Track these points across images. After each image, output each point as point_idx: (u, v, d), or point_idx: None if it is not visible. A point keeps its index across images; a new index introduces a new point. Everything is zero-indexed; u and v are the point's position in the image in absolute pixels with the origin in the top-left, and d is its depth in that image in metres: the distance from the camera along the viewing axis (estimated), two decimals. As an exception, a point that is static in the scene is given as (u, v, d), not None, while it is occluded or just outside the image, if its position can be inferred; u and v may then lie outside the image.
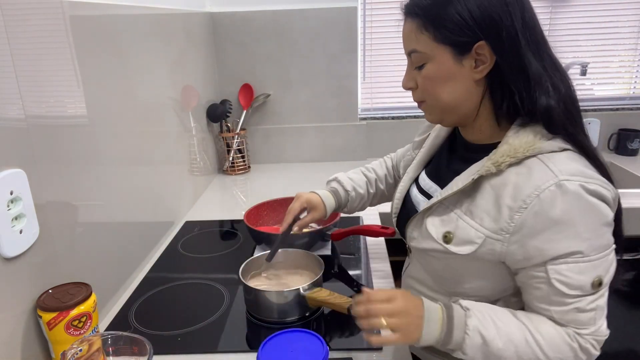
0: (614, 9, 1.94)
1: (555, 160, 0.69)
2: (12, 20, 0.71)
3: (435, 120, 0.82)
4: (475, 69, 0.72)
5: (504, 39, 0.69)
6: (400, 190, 0.94)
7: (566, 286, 0.68)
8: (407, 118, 2.06)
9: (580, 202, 0.66)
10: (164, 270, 1.18)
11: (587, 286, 0.68)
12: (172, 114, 1.44)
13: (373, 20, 1.97)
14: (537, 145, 0.70)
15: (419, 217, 0.84)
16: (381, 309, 0.70)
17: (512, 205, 0.69)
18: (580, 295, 0.68)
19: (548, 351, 0.69)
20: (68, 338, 0.76)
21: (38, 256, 0.77)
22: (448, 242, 0.77)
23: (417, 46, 0.75)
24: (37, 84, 0.78)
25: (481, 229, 0.73)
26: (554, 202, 0.66)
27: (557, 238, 0.67)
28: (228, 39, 1.91)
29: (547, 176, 0.67)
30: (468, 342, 0.69)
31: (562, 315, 0.70)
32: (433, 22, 0.72)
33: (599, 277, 0.68)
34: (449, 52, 0.72)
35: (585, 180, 0.67)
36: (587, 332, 0.70)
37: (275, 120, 2.02)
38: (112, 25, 1.05)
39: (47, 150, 0.80)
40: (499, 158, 0.71)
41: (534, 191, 0.67)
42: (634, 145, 1.99)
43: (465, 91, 0.74)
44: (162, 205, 1.35)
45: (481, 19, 0.69)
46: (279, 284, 1.02)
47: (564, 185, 0.66)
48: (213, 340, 0.90)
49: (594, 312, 0.69)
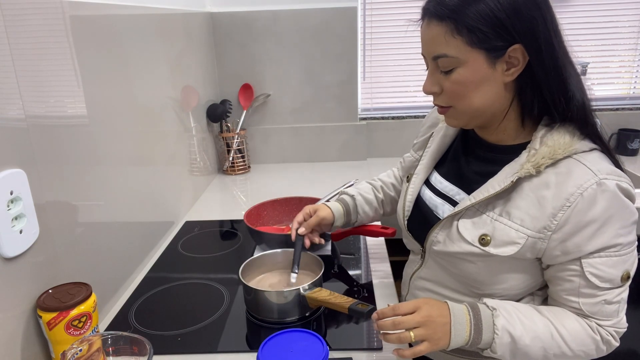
0: (614, 9, 1.94)
1: (590, 159, 0.72)
2: (12, 20, 0.71)
3: (460, 125, 0.81)
4: (506, 72, 0.72)
5: (541, 42, 0.69)
6: (412, 193, 0.92)
7: (598, 279, 0.71)
8: (407, 118, 2.06)
9: (618, 200, 0.70)
10: (164, 270, 1.18)
11: (617, 279, 0.72)
12: (172, 114, 1.44)
13: (373, 20, 1.97)
14: (574, 146, 0.72)
15: (446, 221, 0.82)
16: (408, 320, 0.71)
17: (555, 204, 0.71)
18: (610, 288, 0.72)
19: (572, 345, 0.73)
20: (68, 338, 0.76)
21: (38, 256, 0.77)
22: (485, 245, 0.76)
23: (448, 50, 0.71)
24: (37, 84, 0.78)
25: (522, 229, 0.74)
26: (595, 200, 0.69)
27: (596, 234, 0.70)
28: (228, 39, 1.91)
29: (588, 175, 0.70)
30: (497, 341, 0.71)
31: (590, 307, 0.73)
32: (466, 25, 0.69)
33: (627, 271, 0.72)
34: (483, 56, 0.70)
35: (619, 179, 0.70)
36: (609, 323, 0.74)
37: (275, 120, 2.02)
38: (112, 25, 1.05)
39: (47, 150, 0.80)
40: (539, 160, 0.72)
41: (577, 190, 0.69)
42: (634, 145, 1.99)
43: (495, 94, 0.74)
44: (162, 205, 1.35)
45: (517, 21, 0.68)
46: (279, 284, 1.02)
47: (604, 183, 0.69)
48: (213, 340, 0.90)
49: (618, 304, 0.74)
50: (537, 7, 0.69)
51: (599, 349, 0.75)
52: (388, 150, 2.09)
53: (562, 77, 0.71)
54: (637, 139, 1.98)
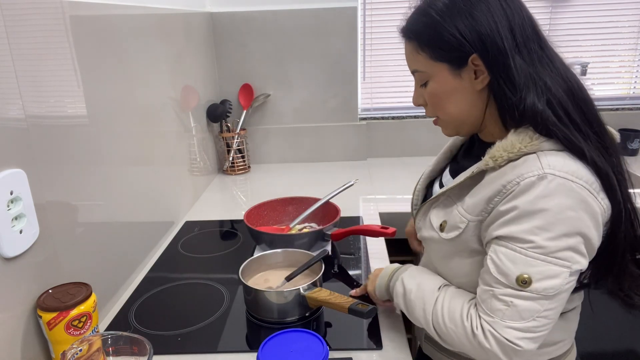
0: (614, 9, 1.94)
1: (551, 157, 0.69)
2: (12, 20, 0.71)
3: (451, 134, 0.85)
4: (475, 80, 0.75)
5: (490, 51, 0.72)
6: (421, 183, 0.97)
7: (495, 267, 0.70)
8: (407, 118, 2.06)
9: (552, 198, 0.66)
10: (164, 270, 1.18)
11: (512, 277, 0.68)
12: (172, 114, 1.44)
13: (373, 20, 1.97)
14: (535, 142, 0.70)
15: (425, 208, 0.87)
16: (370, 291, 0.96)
17: (494, 189, 0.71)
18: (502, 283, 0.69)
19: (446, 318, 0.75)
20: (68, 338, 0.76)
21: (38, 256, 0.77)
22: (442, 231, 0.81)
23: (417, 66, 0.79)
24: (37, 84, 0.78)
25: (465, 214, 0.76)
26: (528, 190, 0.67)
27: (511, 221, 0.69)
28: (228, 39, 1.91)
29: (534, 167, 0.68)
30: (392, 288, 0.87)
31: (481, 293, 0.72)
32: (427, 44, 0.76)
33: (528, 275, 0.67)
34: (446, 69, 0.76)
35: (572, 179, 0.67)
36: (487, 318, 0.70)
37: (275, 120, 2.02)
38: (112, 25, 1.05)
39: (47, 150, 0.80)
40: (495, 152, 0.73)
41: (515, 178, 0.69)
42: (634, 145, 1.99)
43: (470, 102, 0.77)
44: (162, 205, 1.35)
45: (469, 35, 0.72)
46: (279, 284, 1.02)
47: (547, 177, 0.67)
48: (213, 340, 0.90)
49: (507, 306, 0.68)
50: (489, 15, 0.71)
51: (468, 337, 0.71)
52: (388, 150, 2.09)
53: (513, 81, 0.71)
54: (637, 139, 1.98)
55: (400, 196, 1.66)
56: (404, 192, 1.68)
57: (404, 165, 1.99)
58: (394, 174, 1.89)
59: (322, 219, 1.31)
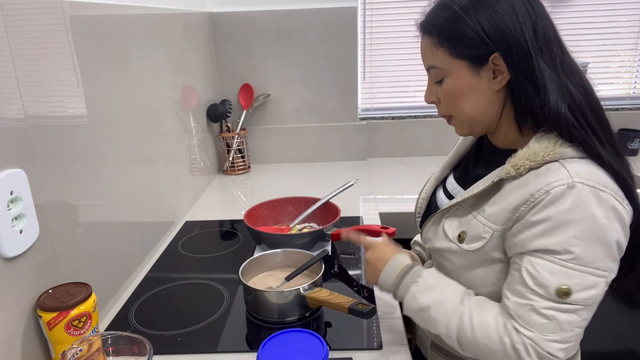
0: (614, 9, 1.94)
1: (575, 164, 0.69)
2: (12, 20, 0.71)
3: (465, 133, 0.83)
4: (494, 80, 0.73)
5: (514, 51, 0.70)
6: (426, 191, 0.95)
7: (532, 279, 0.68)
8: (407, 118, 2.06)
9: (585, 207, 0.66)
10: (164, 270, 1.18)
11: (551, 289, 0.67)
12: (172, 114, 1.44)
13: (373, 20, 1.97)
14: (558, 150, 0.70)
15: (436, 218, 0.85)
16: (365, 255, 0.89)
17: (521, 198, 0.70)
18: (541, 295, 0.68)
19: (478, 333, 0.71)
20: (68, 338, 0.76)
21: (38, 256, 0.77)
22: (461, 242, 0.78)
23: (435, 62, 0.77)
24: (37, 84, 0.78)
25: (489, 223, 0.74)
26: (560, 199, 0.66)
27: (546, 233, 0.67)
28: (228, 39, 1.91)
29: (562, 175, 0.67)
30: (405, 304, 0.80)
31: (516, 308, 0.70)
32: (448, 39, 0.74)
33: (567, 287, 0.66)
34: (465, 66, 0.74)
35: (600, 188, 0.67)
36: (529, 334, 0.68)
37: (275, 120, 2.02)
38: (112, 25, 1.05)
39: (47, 150, 0.80)
40: (518, 161, 0.72)
41: (544, 187, 0.68)
42: (634, 145, 1.99)
43: (487, 102, 0.76)
44: (162, 205, 1.35)
45: (492, 33, 0.70)
46: (279, 283, 1.02)
47: (576, 186, 0.66)
48: (213, 340, 0.90)
49: (547, 320, 0.67)
50: (514, 16, 0.70)
51: (506, 353, 0.70)
52: (388, 150, 2.09)
53: (537, 84, 0.71)
54: (637, 139, 1.98)
55: (400, 196, 1.66)
56: (404, 192, 1.69)
57: (404, 165, 1.99)
58: (394, 174, 1.89)
59: (322, 219, 1.31)
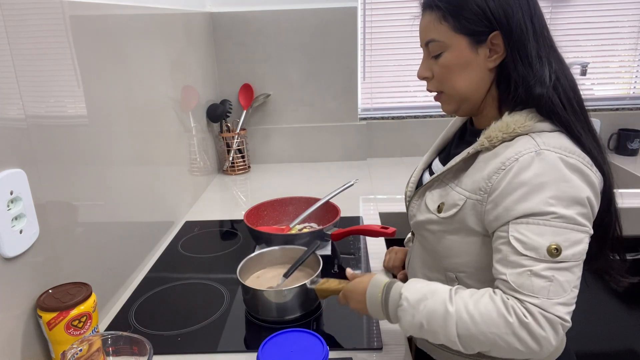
0: (614, 9, 1.94)
1: (544, 136, 0.73)
2: (12, 20, 0.71)
3: (451, 110, 0.86)
4: (489, 58, 0.77)
5: (514, 31, 0.74)
6: (415, 175, 0.98)
7: (522, 245, 0.69)
8: (407, 118, 2.06)
9: (555, 170, 0.70)
10: (164, 270, 1.18)
11: (542, 250, 0.68)
12: (172, 114, 1.44)
13: (373, 20, 1.97)
14: (528, 123, 0.74)
15: (420, 194, 0.89)
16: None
17: (492, 167, 0.74)
18: (535, 259, 0.68)
19: (482, 326, 0.68)
20: (68, 338, 0.76)
21: (38, 256, 0.77)
22: (440, 212, 0.82)
23: (436, 35, 0.79)
24: (37, 84, 0.78)
25: (462, 191, 0.78)
26: (529, 165, 0.70)
27: (524, 198, 0.70)
28: (228, 39, 1.91)
29: (530, 144, 0.72)
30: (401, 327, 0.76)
31: (516, 278, 0.68)
32: (452, 13, 0.77)
33: (557, 243, 0.68)
34: (466, 41, 0.77)
35: (566, 154, 0.71)
36: (535, 300, 0.66)
37: (275, 120, 2.02)
38: (112, 25, 1.05)
39: (47, 150, 0.80)
40: (491, 132, 0.76)
41: (514, 155, 0.72)
42: (634, 145, 1.99)
43: (479, 79, 0.79)
44: (162, 205, 1.35)
45: (497, 12, 0.75)
46: (277, 281, 1.02)
47: (543, 152, 0.70)
48: (213, 340, 0.90)
49: (550, 282, 0.67)
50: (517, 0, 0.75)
51: (515, 334, 0.66)
52: (388, 150, 2.09)
53: (530, 64, 0.75)
54: (637, 139, 1.98)
55: (400, 196, 1.66)
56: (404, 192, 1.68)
57: (404, 165, 1.99)
58: (394, 174, 1.89)
59: (322, 219, 1.31)
